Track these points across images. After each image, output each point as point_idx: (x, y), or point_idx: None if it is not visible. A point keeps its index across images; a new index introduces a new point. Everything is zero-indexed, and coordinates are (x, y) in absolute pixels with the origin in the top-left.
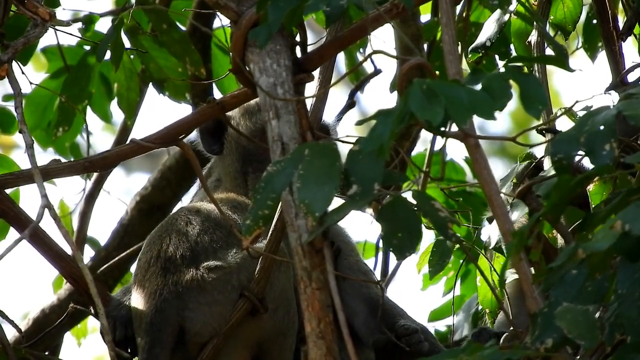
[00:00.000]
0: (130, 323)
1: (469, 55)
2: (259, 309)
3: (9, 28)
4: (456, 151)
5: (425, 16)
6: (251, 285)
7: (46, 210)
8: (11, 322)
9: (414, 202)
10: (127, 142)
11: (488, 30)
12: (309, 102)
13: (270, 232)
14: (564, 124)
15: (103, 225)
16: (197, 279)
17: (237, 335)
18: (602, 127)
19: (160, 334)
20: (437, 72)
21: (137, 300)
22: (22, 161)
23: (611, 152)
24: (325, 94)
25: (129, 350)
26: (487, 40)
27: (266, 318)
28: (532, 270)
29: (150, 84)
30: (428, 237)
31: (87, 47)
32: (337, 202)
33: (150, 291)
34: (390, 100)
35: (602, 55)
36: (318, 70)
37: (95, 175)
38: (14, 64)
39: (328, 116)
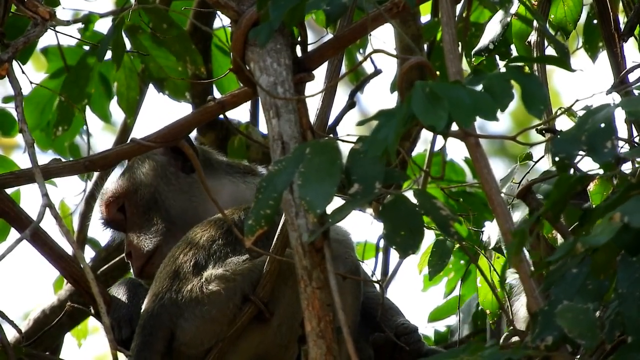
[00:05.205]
0: (133, 319)
1: (473, 59)
2: (265, 313)
3: (9, 27)
4: (456, 151)
5: (425, 16)
6: (257, 290)
7: (47, 210)
8: (11, 322)
9: (415, 200)
10: (128, 141)
11: (491, 32)
12: (310, 102)
13: (276, 236)
14: (564, 124)
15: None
16: (196, 291)
17: (236, 350)
18: (602, 125)
19: (151, 338)
20: (438, 72)
21: (148, 293)
22: (21, 162)
23: (613, 149)
24: (332, 94)
25: None
26: (490, 42)
27: (268, 332)
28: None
29: (150, 83)
30: (429, 237)
31: (87, 47)
32: (337, 202)
33: (154, 292)
34: (390, 101)
35: (603, 55)
36: (323, 70)
37: (95, 175)
38: (14, 64)
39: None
